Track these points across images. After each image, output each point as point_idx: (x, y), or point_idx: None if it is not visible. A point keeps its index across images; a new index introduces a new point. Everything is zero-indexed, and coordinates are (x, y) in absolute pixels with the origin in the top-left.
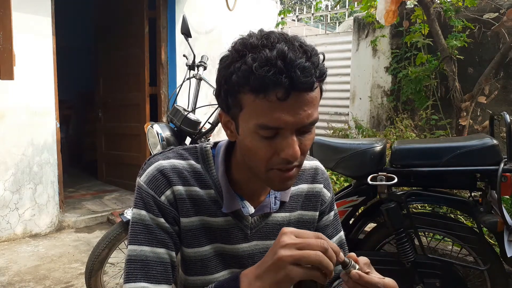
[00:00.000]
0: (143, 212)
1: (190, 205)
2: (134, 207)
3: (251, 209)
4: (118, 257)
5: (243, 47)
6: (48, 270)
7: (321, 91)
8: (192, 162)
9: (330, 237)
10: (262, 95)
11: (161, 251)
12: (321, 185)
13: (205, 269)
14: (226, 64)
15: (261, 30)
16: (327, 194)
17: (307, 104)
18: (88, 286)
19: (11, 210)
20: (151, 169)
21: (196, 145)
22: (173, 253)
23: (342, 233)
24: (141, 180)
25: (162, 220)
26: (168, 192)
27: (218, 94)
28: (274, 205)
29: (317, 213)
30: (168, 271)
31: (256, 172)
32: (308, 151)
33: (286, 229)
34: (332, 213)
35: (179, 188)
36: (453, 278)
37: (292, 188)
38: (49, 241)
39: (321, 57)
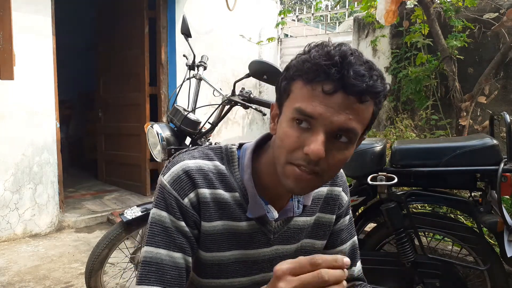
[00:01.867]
0: (164, 214)
1: (214, 209)
2: (154, 206)
3: (275, 214)
4: (118, 257)
5: (315, 45)
6: (48, 270)
7: (374, 116)
8: (217, 163)
9: (344, 241)
10: (310, 84)
11: (178, 255)
12: (340, 188)
13: (222, 273)
14: (294, 57)
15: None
16: (345, 198)
17: (351, 109)
18: (88, 286)
19: (11, 210)
20: (176, 169)
21: (221, 145)
22: (189, 259)
23: (355, 238)
24: (165, 179)
25: (182, 223)
26: (192, 195)
27: (277, 84)
28: (297, 209)
29: (334, 217)
30: (182, 276)
31: (276, 164)
32: (337, 171)
33: (279, 269)
34: (348, 217)
35: (204, 191)
36: (453, 278)
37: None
38: (49, 241)
39: (386, 83)
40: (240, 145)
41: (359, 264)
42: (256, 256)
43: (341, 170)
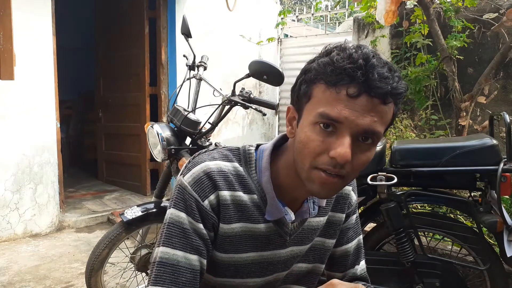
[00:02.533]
0: (183, 215)
1: (234, 211)
2: (172, 207)
3: (292, 216)
4: (118, 257)
5: (334, 47)
6: (48, 270)
7: (394, 116)
8: (236, 164)
9: (350, 240)
10: (334, 88)
11: (194, 258)
12: (350, 188)
13: (237, 274)
14: (312, 59)
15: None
16: (354, 197)
17: (376, 112)
18: (88, 286)
19: (11, 210)
20: (197, 170)
21: (239, 146)
22: (205, 261)
23: (361, 237)
24: (185, 180)
25: (200, 225)
26: (212, 197)
27: (293, 87)
28: (313, 210)
29: (344, 215)
30: (197, 278)
31: (299, 169)
32: (358, 172)
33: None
34: (355, 216)
35: (225, 193)
36: (452, 278)
37: None
38: (50, 241)
39: (403, 83)
40: (257, 146)
41: (362, 263)
42: (272, 257)
43: None
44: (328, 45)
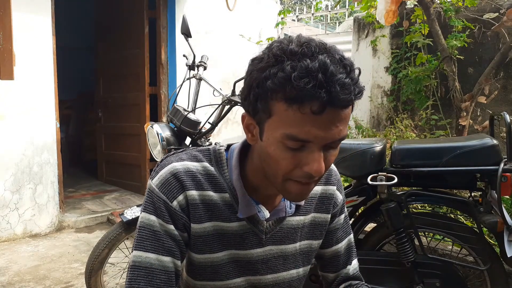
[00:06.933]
0: (153, 218)
1: (203, 211)
2: (143, 211)
3: (267, 214)
4: (118, 257)
5: (282, 52)
6: (48, 270)
7: (353, 106)
8: (206, 164)
9: (340, 240)
10: (296, 105)
11: (167, 259)
12: (334, 187)
13: (216, 275)
14: (260, 67)
15: (299, 36)
16: (339, 197)
17: (340, 120)
18: (88, 286)
19: (11, 210)
20: (164, 172)
21: (209, 146)
22: (179, 262)
23: (351, 236)
24: (153, 183)
25: (171, 227)
26: (180, 197)
27: (246, 96)
28: (290, 209)
29: (329, 216)
30: (172, 280)
31: (272, 181)
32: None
33: None
34: (343, 215)
35: (193, 193)
36: (453, 278)
37: None
38: (49, 241)
39: (357, 72)
40: (228, 146)
41: (354, 262)
42: (249, 256)
43: (335, 169)
44: (272, 45)
